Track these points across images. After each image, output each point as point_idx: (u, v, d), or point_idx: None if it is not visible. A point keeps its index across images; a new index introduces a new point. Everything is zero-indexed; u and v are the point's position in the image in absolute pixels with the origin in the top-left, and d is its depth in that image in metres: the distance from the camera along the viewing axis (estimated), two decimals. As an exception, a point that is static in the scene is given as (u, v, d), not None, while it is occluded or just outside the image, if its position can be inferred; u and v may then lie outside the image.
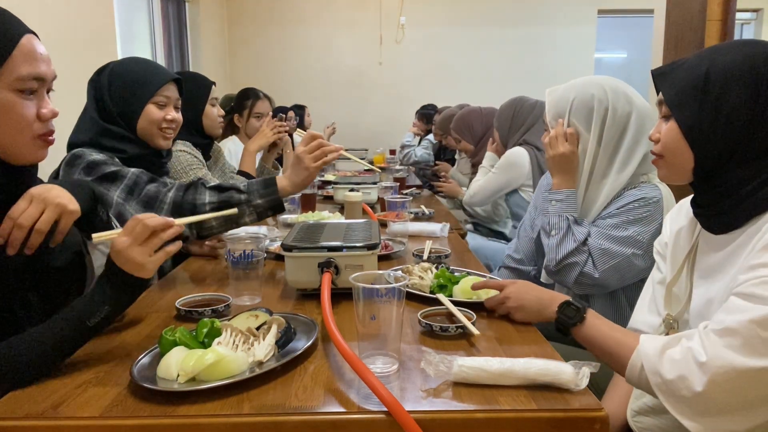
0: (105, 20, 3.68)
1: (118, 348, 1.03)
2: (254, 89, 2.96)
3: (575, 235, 1.52)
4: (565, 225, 1.54)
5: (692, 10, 2.83)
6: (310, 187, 2.46)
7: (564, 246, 1.53)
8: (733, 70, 0.97)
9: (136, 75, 1.61)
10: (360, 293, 0.91)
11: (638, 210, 1.49)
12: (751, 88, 0.95)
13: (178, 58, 5.40)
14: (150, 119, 1.61)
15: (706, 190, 1.02)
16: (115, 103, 1.58)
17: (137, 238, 0.96)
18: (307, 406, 0.82)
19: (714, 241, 1.02)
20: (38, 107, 0.97)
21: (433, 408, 0.83)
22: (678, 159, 1.03)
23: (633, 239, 1.48)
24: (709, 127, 0.98)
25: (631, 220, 1.49)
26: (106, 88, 1.58)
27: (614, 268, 1.49)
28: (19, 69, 0.92)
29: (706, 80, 0.98)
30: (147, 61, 1.70)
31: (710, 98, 0.98)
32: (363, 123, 6.69)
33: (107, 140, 1.56)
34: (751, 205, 0.94)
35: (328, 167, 4.01)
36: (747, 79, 0.96)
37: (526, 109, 2.75)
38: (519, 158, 2.67)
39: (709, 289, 1.01)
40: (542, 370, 0.87)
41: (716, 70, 0.98)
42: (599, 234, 1.52)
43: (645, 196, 1.50)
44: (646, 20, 4.20)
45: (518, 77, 6.60)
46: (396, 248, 1.72)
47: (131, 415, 0.80)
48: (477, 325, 1.08)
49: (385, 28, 6.65)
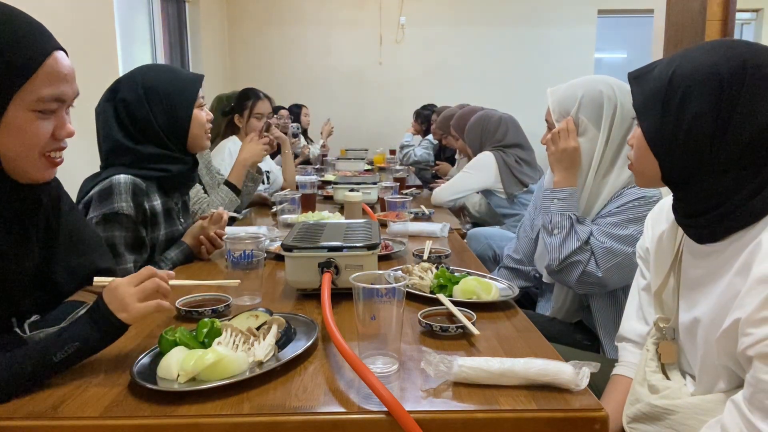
0: (105, 20, 3.68)
1: (118, 348, 1.03)
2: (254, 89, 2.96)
3: (578, 234, 1.51)
4: (567, 224, 1.53)
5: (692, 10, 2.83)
6: (310, 187, 2.46)
7: (567, 245, 1.51)
8: (695, 76, 0.92)
9: (173, 86, 1.60)
10: (360, 293, 0.91)
11: (637, 209, 1.49)
12: (713, 94, 0.90)
13: (178, 58, 5.40)
14: (199, 122, 1.63)
15: (683, 198, 0.99)
16: (158, 118, 1.56)
17: (135, 279, 0.95)
18: (307, 406, 0.82)
19: (698, 250, 0.99)
20: (55, 126, 0.95)
21: (433, 408, 0.83)
22: (643, 167, 1.02)
23: (633, 238, 1.47)
24: (671, 136, 0.94)
25: (630, 218, 1.49)
26: (142, 104, 1.55)
27: (617, 266, 1.48)
28: (41, 90, 0.90)
29: (668, 87, 0.94)
30: (172, 68, 1.70)
31: (672, 105, 0.94)
32: (363, 123, 6.69)
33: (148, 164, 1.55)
34: (736, 220, 0.90)
35: (328, 167, 4.01)
36: (709, 86, 0.91)
37: (493, 124, 2.95)
38: (486, 160, 2.87)
39: (695, 306, 0.99)
40: (542, 370, 0.87)
41: (679, 77, 0.94)
42: (601, 232, 1.51)
43: (644, 195, 1.50)
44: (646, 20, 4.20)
45: (518, 77, 6.60)
46: (396, 248, 1.72)
47: (131, 415, 0.80)
48: (477, 325, 1.08)
49: (385, 28, 6.65)
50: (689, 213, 0.97)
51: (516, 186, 2.82)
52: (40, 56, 0.90)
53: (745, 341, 0.83)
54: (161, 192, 1.61)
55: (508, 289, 1.34)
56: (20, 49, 0.88)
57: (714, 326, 0.92)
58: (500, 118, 2.95)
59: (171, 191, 1.64)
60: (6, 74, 0.87)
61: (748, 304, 0.83)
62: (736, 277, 0.88)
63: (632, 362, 1.19)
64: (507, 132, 2.90)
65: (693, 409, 0.96)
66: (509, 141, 2.89)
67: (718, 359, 0.92)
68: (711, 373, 0.95)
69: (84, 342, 0.90)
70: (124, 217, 1.46)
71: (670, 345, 1.06)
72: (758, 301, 0.81)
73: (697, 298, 0.99)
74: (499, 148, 2.88)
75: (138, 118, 1.55)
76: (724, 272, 0.92)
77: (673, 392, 1.00)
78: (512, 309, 1.24)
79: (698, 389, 0.98)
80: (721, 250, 0.94)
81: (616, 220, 1.50)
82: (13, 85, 0.88)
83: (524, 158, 2.86)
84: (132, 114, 1.55)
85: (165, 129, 1.58)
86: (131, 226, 1.48)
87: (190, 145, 1.64)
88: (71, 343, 0.89)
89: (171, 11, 5.28)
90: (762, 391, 0.81)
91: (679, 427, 0.97)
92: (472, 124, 3.03)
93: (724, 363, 0.91)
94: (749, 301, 0.83)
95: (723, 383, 0.93)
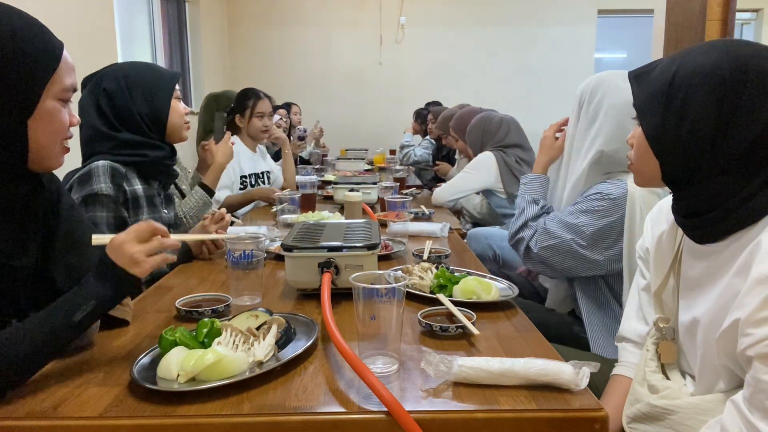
0: (105, 20, 3.68)
1: (118, 348, 1.03)
2: (254, 89, 2.96)
3: (526, 213, 1.64)
4: (523, 204, 1.66)
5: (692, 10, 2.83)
6: (310, 187, 2.46)
7: (517, 221, 1.65)
8: (697, 75, 0.91)
9: (151, 76, 1.66)
10: (360, 293, 0.91)
11: (593, 202, 1.52)
12: (715, 94, 0.90)
13: (178, 58, 5.40)
14: (178, 112, 1.69)
15: (683, 198, 0.98)
16: (138, 107, 1.61)
17: (139, 236, 0.97)
18: (307, 406, 0.82)
19: (697, 250, 0.99)
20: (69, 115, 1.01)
21: (433, 408, 0.83)
22: (643, 166, 1.01)
23: (576, 228, 1.52)
24: (673, 135, 0.93)
25: (583, 210, 1.53)
26: (124, 94, 1.60)
27: (552, 248, 1.54)
28: (64, 80, 0.95)
29: (671, 86, 0.93)
30: (150, 63, 1.76)
31: (674, 105, 0.93)
32: (363, 123, 6.69)
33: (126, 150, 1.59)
34: (736, 220, 0.90)
35: (328, 167, 4.01)
36: (711, 85, 0.90)
37: (494, 125, 2.96)
38: (486, 160, 2.89)
39: (694, 306, 0.99)
40: (542, 370, 0.87)
41: (681, 76, 0.93)
42: (552, 216, 1.60)
43: (603, 191, 1.52)
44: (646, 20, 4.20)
45: (518, 77, 6.60)
46: (396, 248, 1.72)
47: (131, 415, 0.80)
48: (477, 325, 1.08)
49: (385, 28, 6.65)
50: (689, 213, 0.97)
51: (516, 186, 2.82)
52: (59, 48, 0.95)
53: (744, 341, 0.83)
54: (141, 179, 1.63)
55: (508, 289, 1.34)
56: (44, 41, 0.93)
57: (713, 326, 0.92)
58: (501, 119, 2.96)
59: (150, 178, 1.67)
60: (39, 65, 0.91)
61: (748, 304, 0.83)
62: (736, 277, 0.88)
63: (632, 362, 1.19)
64: (508, 132, 2.92)
65: (693, 409, 0.96)
66: (510, 141, 2.90)
67: (717, 359, 0.92)
68: (711, 373, 0.95)
69: (100, 299, 0.93)
70: (104, 197, 1.50)
71: (669, 345, 1.06)
72: (758, 302, 0.81)
73: (696, 299, 0.99)
74: (499, 148, 2.89)
75: (118, 107, 1.60)
76: (724, 272, 0.92)
77: (672, 392, 1.00)
78: (512, 309, 1.24)
79: (698, 389, 0.98)
80: (720, 250, 0.94)
81: (572, 208, 1.56)
82: (46, 75, 0.92)
83: (524, 158, 2.88)
84: (113, 102, 1.60)
85: (145, 117, 1.63)
86: (112, 206, 1.52)
87: (168, 134, 1.69)
88: (88, 301, 0.91)
89: (171, 11, 5.28)
90: (762, 391, 0.81)
91: (679, 427, 0.97)
92: (474, 125, 3.03)
93: (723, 363, 0.91)
94: (749, 301, 0.83)
95: (723, 383, 0.93)
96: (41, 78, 0.92)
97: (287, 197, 2.24)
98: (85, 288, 0.93)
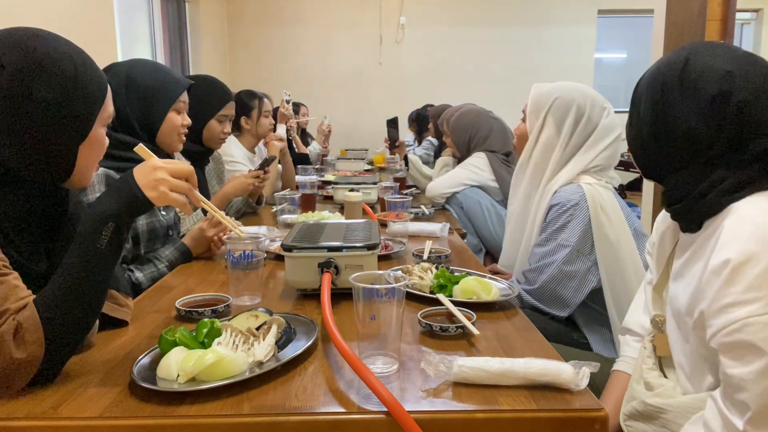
0: (105, 20, 3.68)
1: (118, 348, 1.03)
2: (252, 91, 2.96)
3: None
4: None
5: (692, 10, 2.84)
6: (310, 187, 2.46)
7: None
8: (646, 80, 1.00)
9: (155, 81, 1.61)
10: (360, 293, 0.91)
11: (559, 218, 1.55)
12: (653, 95, 0.97)
13: (178, 58, 5.40)
14: (172, 125, 1.64)
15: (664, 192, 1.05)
16: (133, 110, 1.58)
17: (175, 172, 0.97)
18: (307, 406, 0.82)
19: (683, 242, 1.03)
20: None
21: (433, 408, 0.83)
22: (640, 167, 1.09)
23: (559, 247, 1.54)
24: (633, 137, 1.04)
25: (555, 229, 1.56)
26: (121, 95, 1.56)
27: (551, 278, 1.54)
28: (108, 108, 1.02)
29: (634, 91, 1.04)
30: (160, 66, 1.70)
31: (633, 110, 1.04)
32: (363, 123, 6.68)
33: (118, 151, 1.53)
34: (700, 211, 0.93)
35: (328, 167, 4.01)
36: (652, 87, 0.98)
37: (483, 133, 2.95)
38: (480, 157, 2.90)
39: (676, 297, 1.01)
40: (542, 370, 0.87)
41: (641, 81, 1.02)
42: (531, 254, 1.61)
43: (559, 203, 1.56)
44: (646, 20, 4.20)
45: (518, 77, 6.59)
46: (396, 248, 1.72)
47: (131, 415, 0.80)
48: (477, 325, 1.08)
49: (385, 28, 6.65)
50: (668, 203, 1.03)
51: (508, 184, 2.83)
52: (105, 77, 1.02)
53: (708, 333, 0.86)
54: None
55: (508, 289, 1.34)
56: (98, 72, 1.00)
57: (690, 318, 0.93)
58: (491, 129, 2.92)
59: None
60: (94, 95, 0.97)
61: (708, 295, 0.85)
62: (703, 267, 0.90)
63: (632, 357, 1.20)
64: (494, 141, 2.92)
65: (684, 408, 0.96)
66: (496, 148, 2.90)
67: (697, 352, 0.93)
68: (699, 367, 0.96)
69: (116, 219, 0.91)
70: None
71: (664, 337, 1.07)
72: (713, 292, 0.83)
73: (677, 290, 1.01)
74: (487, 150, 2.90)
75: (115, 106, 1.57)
76: (696, 262, 0.95)
77: (666, 391, 1.01)
78: (512, 309, 1.24)
79: (690, 384, 0.99)
80: (697, 240, 0.96)
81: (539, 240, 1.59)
82: (99, 104, 0.99)
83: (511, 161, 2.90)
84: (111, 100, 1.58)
85: (138, 121, 1.59)
86: None
87: (159, 143, 1.65)
88: (105, 224, 0.90)
89: (171, 11, 5.28)
90: (730, 385, 0.82)
91: (671, 425, 0.98)
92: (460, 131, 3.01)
93: (703, 355, 0.93)
94: (708, 293, 0.85)
95: (711, 377, 0.94)
96: (96, 107, 0.98)
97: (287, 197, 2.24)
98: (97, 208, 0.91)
